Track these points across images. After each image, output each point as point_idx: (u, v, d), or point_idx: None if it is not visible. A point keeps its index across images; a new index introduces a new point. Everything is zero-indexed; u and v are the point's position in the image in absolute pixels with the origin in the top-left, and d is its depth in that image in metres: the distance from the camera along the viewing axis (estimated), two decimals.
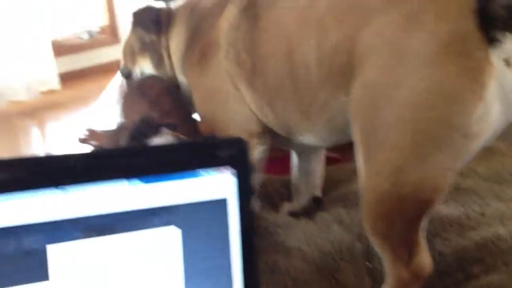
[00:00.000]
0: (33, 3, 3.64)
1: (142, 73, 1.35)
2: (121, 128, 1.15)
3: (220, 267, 0.52)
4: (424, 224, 0.87)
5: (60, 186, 0.46)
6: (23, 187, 0.45)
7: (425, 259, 0.88)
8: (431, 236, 1.04)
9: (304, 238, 1.06)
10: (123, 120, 1.20)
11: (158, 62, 1.31)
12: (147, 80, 1.25)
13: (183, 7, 1.30)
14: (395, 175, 0.83)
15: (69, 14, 4.16)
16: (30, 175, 0.45)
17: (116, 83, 2.10)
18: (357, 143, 0.88)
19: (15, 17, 3.55)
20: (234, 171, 0.52)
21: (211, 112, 1.15)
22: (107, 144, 1.18)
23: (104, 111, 1.80)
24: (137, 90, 1.21)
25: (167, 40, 1.29)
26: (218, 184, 0.51)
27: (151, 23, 1.27)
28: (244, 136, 1.05)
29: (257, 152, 1.12)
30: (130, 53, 1.37)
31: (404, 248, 0.87)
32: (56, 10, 4.03)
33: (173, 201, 0.50)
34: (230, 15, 1.11)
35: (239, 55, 1.07)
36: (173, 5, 1.34)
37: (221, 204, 0.51)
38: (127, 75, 1.37)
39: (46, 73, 3.73)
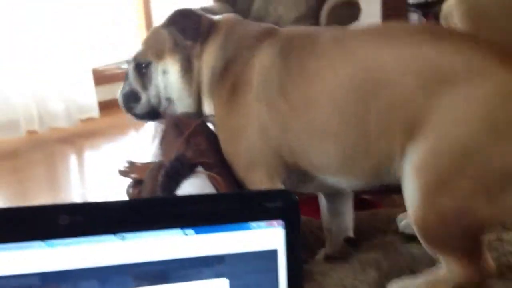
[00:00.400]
0: (76, 32, 3.76)
1: (164, 72, 1.25)
2: (159, 165, 1.18)
3: None
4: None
5: (118, 233, 0.48)
6: (82, 233, 0.47)
7: (488, 261, 0.94)
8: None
9: (340, 283, 1.06)
10: (161, 157, 1.23)
11: (186, 69, 1.23)
12: (183, 118, 1.26)
13: (224, 22, 1.24)
14: (463, 216, 0.86)
15: (110, 43, 4.27)
16: (88, 221, 0.48)
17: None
18: (414, 189, 0.90)
19: (58, 45, 3.66)
20: (283, 223, 0.53)
21: (234, 151, 1.14)
22: (146, 180, 1.21)
23: (143, 142, 1.83)
24: (174, 127, 1.23)
25: (202, 52, 1.22)
26: (268, 236, 0.53)
27: (190, 29, 1.21)
28: (267, 178, 1.08)
29: None
30: (157, 47, 1.26)
31: (468, 257, 0.93)
32: (98, 39, 4.15)
33: (224, 252, 0.51)
34: (265, 56, 1.10)
35: (273, 97, 1.07)
36: (215, 17, 1.28)
37: (271, 255, 0.52)
38: (139, 65, 1.28)
39: (86, 101, 3.82)
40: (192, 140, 1.19)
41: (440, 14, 2.69)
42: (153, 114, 1.31)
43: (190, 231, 0.50)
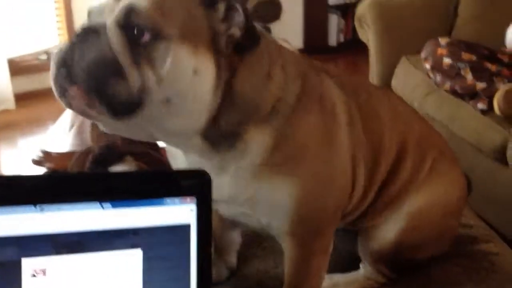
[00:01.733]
0: None
1: (195, 71, 0.76)
2: (87, 152, 1.18)
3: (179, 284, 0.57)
4: None
5: (38, 205, 0.51)
6: (4, 203, 0.50)
7: None
8: None
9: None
10: (90, 143, 1.23)
11: (220, 78, 0.79)
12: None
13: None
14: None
15: (27, 32, 4.13)
16: (11, 192, 0.50)
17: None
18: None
19: None
20: (196, 199, 0.58)
21: (324, 199, 0.91)
22: (72, 166, 1.21)
23: (60, 134, 1.81)
24: None
25: (240, 74, 0.81)
26: (181, 212, 0.57)
27: (255, 40, 0.80)
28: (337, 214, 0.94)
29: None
30: (187, 24, 0.77)
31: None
32: (14, 27, 4.01)
33: (139, 225, 0.55)
34: (336, 93, 0.94)
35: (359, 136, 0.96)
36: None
37: (183, 229, 0.57)
38: (137, 33, 0.75)
39: (1, 92, 3.70)
40: None
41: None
42: (133, 106, 0.74)
43: (107, 205, 0.53)
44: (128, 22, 0.74)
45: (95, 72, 0.72)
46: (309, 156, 0.86)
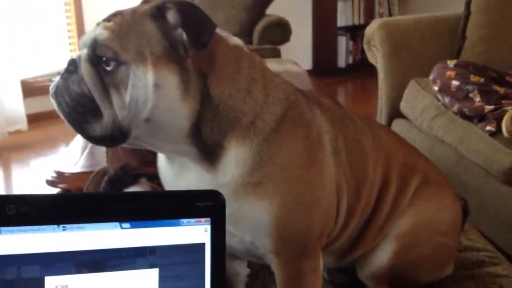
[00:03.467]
0: (5, 42, 3.68)
1: (156, 85, 0.80)
2: (102, 173, 1.21)
3: None
4: None
5: (60, 224, 0.53)
6: (28, 222, 0.52)
7: None
8: None
9: None
10: (104, 164, 1.26)
11: (186, 85, 0.82)
12: None
13: (244, 52, 0.91)
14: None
15: (40, 54, 4.20)
16: (35, 212, 0.53)
17: None
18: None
19: None
20: (211, 220, 0.60)
21: (310, 218, 0.92)
22: (87, 186, 1.24)
23: (73, 155, 1.85)
24: None
25: (213, 74, 0.85)
26: (197, 232, 0.59)
27: (204, 33, 0.81)
28: (322, 236, 0.94)
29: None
30: (140, 44, 0.82)
31: None
32: (27, 49, 4.07)
33: (156, 244, 0.57)
34: (322, 120, 0.97)
35: (342, 161, 0.99)
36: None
37: (199, 248, 0.59)
38: (101, 60, 0.82)
39: (14, 113, 3.75)
40: (139, 151, 1.22)
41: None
42: (117, 136, 0.83)
43: (126, 225, 0.56)
44: (95, 54, 0.81)
45: (74, 111, 0.83)
46: (288, 177, 0.88)
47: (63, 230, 0.53)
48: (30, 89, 4.02)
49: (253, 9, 3.90)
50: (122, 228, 0.55)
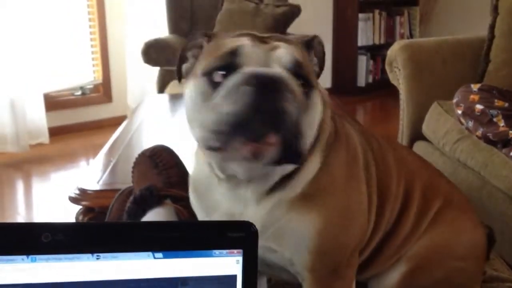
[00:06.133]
0: (28, 55, 3.73)
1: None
2: (128, 192, 1.21)
3: None
4: None
5: (95, 253, 0.53)
6: (62, 250, 0.53)
7: None
8: None
9: None
10: (132, 184, 1.26)
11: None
12: (159, 150, 1.29)
13: None
14: None
15: (63, 68, 4.25)
16: (69, 240, 0.53)
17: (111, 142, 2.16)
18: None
19: (10, 68, 3.63)
20: (242, 251, 0.60)
21: (346, 234, 0.92)
22: (113, 205, 1.24)
23: (95, 171, 1.86)
24: (149, 158, 1.26)
25: None
26: (228, 263, 0.59)
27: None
28: (355, 253, 0.94)
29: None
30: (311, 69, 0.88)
31: None
32: (51, 63, 4.13)
33: (188, 275, 0.57)
34: (354, 133, 0.99)
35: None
36: None
37: (230, 280, 0.58)
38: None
39: (37, 126, 3.79)
40: (165, 172, 1.22)
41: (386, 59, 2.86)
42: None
43: (159, 255, 0.55)
44: (297, 73, 0.80)
45: (290, 124, 0.75)
46: (336, 189, 0.89)
47: (97, 259, 0.53)
48: (53, 103, 4.07)
49: (274, 28, 3.91)
50: (155, 258, 0.55)
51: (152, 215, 1.08)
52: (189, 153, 1.50)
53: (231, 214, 0.88)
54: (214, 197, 0.91)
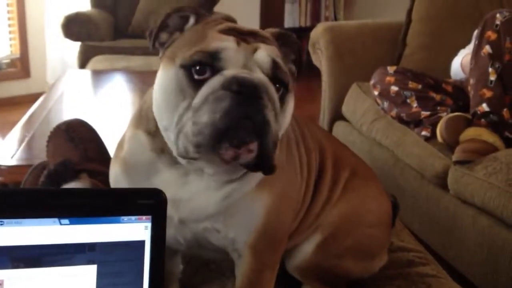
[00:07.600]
0: None
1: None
2: (42, 167, 1.18)
3: None
4: None
5: None
6: None
7: None
8: None
9: None
10: (47, 158, 1.22)
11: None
12: (75, 124, 1.25)
13: None
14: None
15: None
16: None
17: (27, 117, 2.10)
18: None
19: None
20: (151, 218, 0.61)
21: (285, 213, 0.97)
22: (26, 180, 1.21)
23: (9, 147, 1.80)
24: (64, 131, 1.22)
25: None
26: (137, 229, 0.59)
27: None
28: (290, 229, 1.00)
29: None
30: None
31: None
32: None
33: (95, 240, 0.57)
34: None
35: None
36: None
37: (138, 245, 0.59)
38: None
39: None
40: (81, 146, 1.18)
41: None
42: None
43: (65, 221, 0.55)
44: (276, 77, 0.79)
45: (270, 133, 0.75)
46: (281, 170, 0.88)
47: (0, 225, 0.52)
48: None
49: (200, 7, 3.88)
50: (61, 224, 0.55)
51: None
52: (110, 130, 1.48)
53: (177, 200, 0.87)
54: (154, 183, 0.89)
